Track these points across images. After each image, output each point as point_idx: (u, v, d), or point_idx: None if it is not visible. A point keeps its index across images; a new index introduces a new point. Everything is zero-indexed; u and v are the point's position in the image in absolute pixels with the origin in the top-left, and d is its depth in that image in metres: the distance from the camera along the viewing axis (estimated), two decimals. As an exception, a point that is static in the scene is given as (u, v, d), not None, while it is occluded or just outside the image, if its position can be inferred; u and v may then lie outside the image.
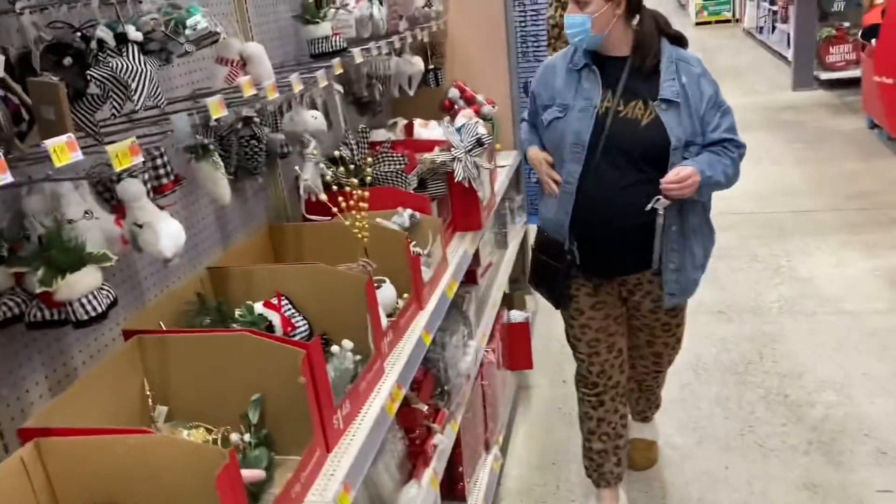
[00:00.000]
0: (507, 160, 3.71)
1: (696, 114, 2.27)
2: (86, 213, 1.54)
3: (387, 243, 2.15)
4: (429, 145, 3.00)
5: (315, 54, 2.49)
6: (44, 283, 1.37)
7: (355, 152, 2.55)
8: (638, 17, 2.27)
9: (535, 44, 4.03)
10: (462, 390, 2.54)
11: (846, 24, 8.78)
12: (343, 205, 2.05)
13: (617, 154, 2.28)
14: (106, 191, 1.70)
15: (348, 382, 1.73)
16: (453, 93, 3.76)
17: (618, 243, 2.37)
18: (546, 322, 4.16)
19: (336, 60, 2.36)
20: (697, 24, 16.18)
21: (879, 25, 6.32)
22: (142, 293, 1.88)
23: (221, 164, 1.88)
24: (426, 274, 2.30)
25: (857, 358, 3.65)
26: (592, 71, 2.32)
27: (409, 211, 2.41)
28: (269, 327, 1.80)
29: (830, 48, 8.86)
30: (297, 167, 2.38)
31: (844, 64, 8.86)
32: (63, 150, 1.34)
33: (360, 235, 1.99)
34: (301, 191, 2.27)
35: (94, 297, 1.45)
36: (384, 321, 1.93)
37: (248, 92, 1.77)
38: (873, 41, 6.46)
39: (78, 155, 1.38)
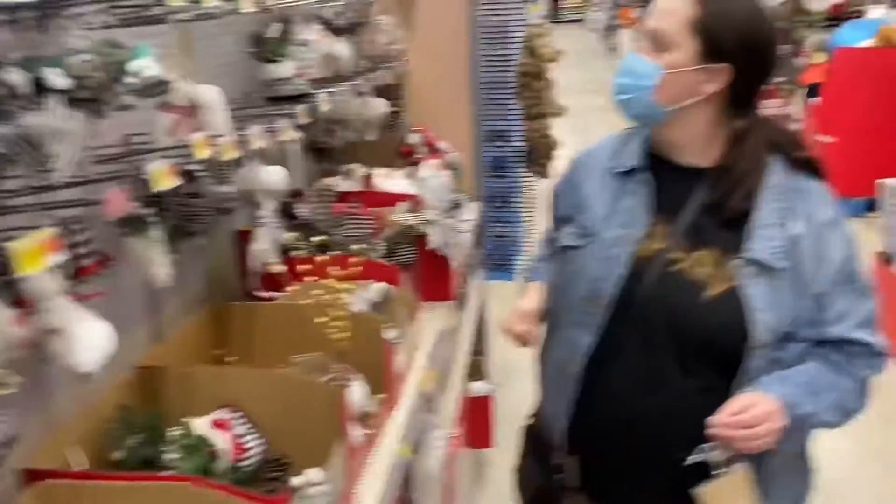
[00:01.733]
0: (470, 214, 3.41)
1: (808, 289, 1.33)
2: (-25, 314, 1.14)
3: (355, 328, 1.80)
4: (391, 200, 2.66)
5: (272, 98, 2.13)
6: None
7: (315, 212, 2.20)
8: (744, 116, 1.35)
9: (503, 91, 3.78)
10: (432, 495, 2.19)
11: (779, 80, 8.95)
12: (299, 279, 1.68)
13: (656, 334, 1.33)
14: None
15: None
16: (414, 138, 3.44)
17: (643, 480, 1.41)
18: (507, 392, 3.85)
19: (301, 107, 2.00)
20: (628, 67, 16.50)
21: (821, 84, 6.39)
22: (52, 405, 1.46)
23: (160, 238, 1.50)
24: (397, 362, 1.95)
25: (822, 440, 3.50)
26: (644, 181, 1.39)
27: (377, 284, 2.06)
28: (214, 454, 1.41)
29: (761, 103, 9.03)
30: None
31: (776, 119, 9.03)
32: (39, 252, 0.98)
33: (336, 336, 1.62)
34: (252, 262, 1.89)
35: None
36: (357, 436, 1.58)
37: (202, 153, 1.40)
38: (815, 99, 6.53)
39: (58, 257, 1.02)
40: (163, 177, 1.25)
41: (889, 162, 5.09)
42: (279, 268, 1.81)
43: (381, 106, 3.01)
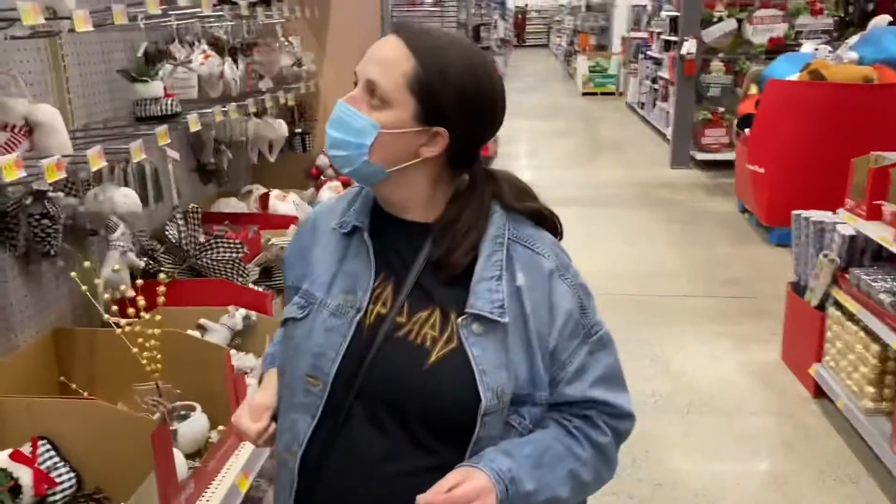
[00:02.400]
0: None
1: (539, 345, 1.20)
2: None
3: (202, 358, 1.75)
4: (282, 223, 2.63)
5: (140, 117, 2.09)
6: None
7: (183, 234, 2.15)
8: (468, 175, 1.23)
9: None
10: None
11: (721, 109, 9.14)
12: (134, 309, 1.64)
13: (383, 409, 1.17)
14: None
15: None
16: (322, 160, 3.41)
17: None
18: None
19: (162, 128, 1.96)
20: (584, 94, 16.71)
21: (753, 115, 6.52)
22: None
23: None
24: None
25: (731, 465, 3.51)
26: (364, 242, 1.22)
27: (241, 310, 2.02)
28: (16, 487, 1.36)
29: (706, 130, 9.19)
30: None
31: (718, 147, 9.19)
32: None
33: (145, 360, 1.57)
34: (100, 287, 1.83)
35: None
36: (182, 471, 1.52)
37: (11, 175, 1.35)
38: (747, 130, 6.66)
39: None
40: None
41: (813, 193, 5.20)
42: (130, 293, 1.76)
43: (281, 127, 2.98)
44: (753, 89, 7.34)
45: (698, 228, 7.16)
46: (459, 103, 1.12)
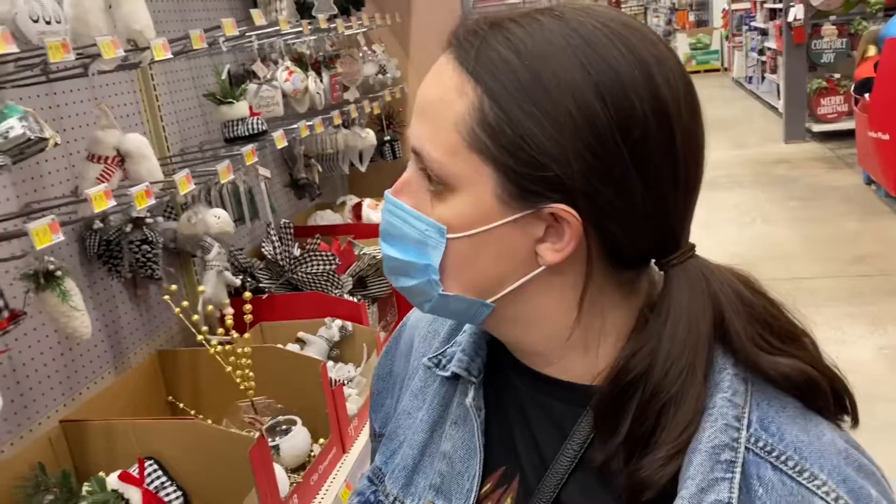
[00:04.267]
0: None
1: None
2: None
3: (299, 371, 1.76)
4: (375, 232, 2.63)
5: (229, 138, 2.13)
6: None
7: (278, 250, 2.18)
8: (644, 274, 0.64)
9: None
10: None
11: (837, 76, 8.55)
12: (230, 326, 1.66)
13: None
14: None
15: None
16: (412, 165, 3.41)
17: None
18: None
19: (249, 147, 1.99)
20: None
21: (872, 79, 6.04)
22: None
23: (75, 292, 1.49)
24: (356, 403, 1.90)
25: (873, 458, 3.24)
26: (468, 407, 0.68)
27: (338, 322, 2.03)
28: (126, 507, 1.40)
29: (822, 100, 8.61)
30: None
31: (837, 116, 8.60)
32: None
33: (238, 378, 1.58)
34: (199, 306, 1.88)
35: None
36: (284, 486, 1.53)
37: (101, 206, 1.39)
38: (867, 95, 6.18)
39: None
40: (44, 234, 1.25)
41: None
42: (229, 311, 1.79)
43: (370, 136, 2.99)
44: (871, 51, 6.80)
45: (820, 205, 6.71)
46: (576, 133, 0.55)
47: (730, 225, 6.36)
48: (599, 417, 0.59)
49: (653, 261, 0.62)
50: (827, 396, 0.60)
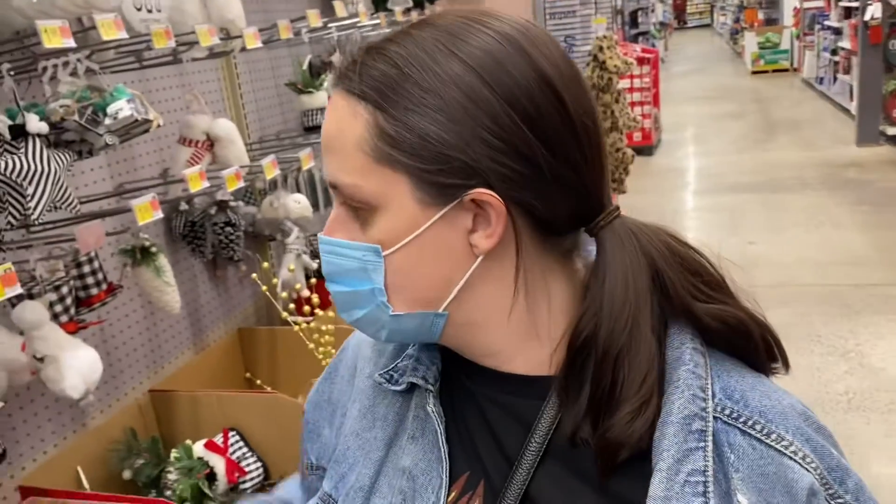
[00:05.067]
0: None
1: None
2: (-26, 342, 1.24)
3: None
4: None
5: (308, 127, 2.20)
6: None
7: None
8: (592, 253, 0.64)
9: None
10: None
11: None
12: (309, 307, 1.72)
13: None
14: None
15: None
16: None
17: None
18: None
19: (327, 136, 2.05)
20: (754, 72, 15.70)
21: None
22: (67, 421, 1.57)
23: (167, 268, 1.57)
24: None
25: None
26: (430, 414, 0.66)
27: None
28: (211, 475, 1.46)
29: (898, 102, 8.33)
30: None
31: (913, 119, 8.31)
32: None
33: (320, 355, 1.64)
34: (279, 287, 1.95)
35: (-38, 459, 1.14)
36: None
37: (196, 186, 1.46)
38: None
39: (15, 290, 1.10)
40: (146, 211, 1.32)
41: None
42: (305, 293, 1.85)
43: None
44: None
45: (893, 210, 6.49)
46: (468, 118, 0.57)
47: (797, 228, 6.20)
48: (562, 391, 0.60)
49: (583, 230, 0.63)
50: (758, 343, 0.62)
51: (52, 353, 1.27)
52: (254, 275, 1.66)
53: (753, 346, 0.62)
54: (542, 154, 0.57)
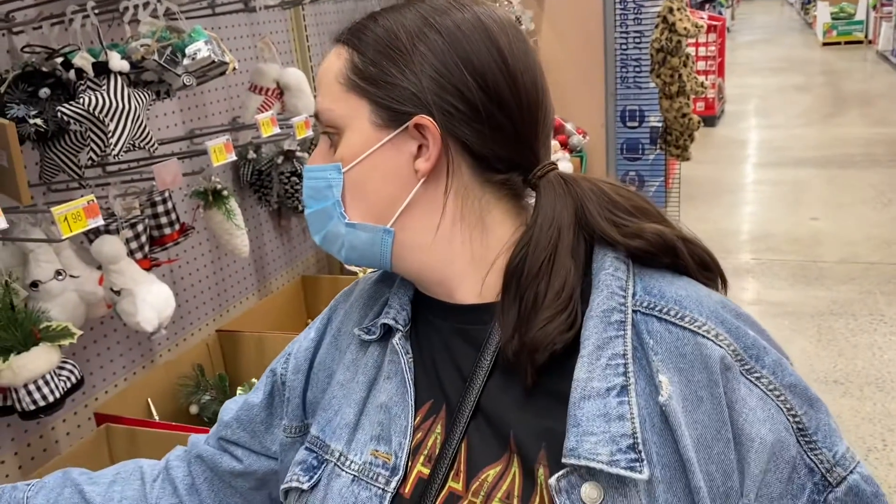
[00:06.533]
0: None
1: (719, 482, 0.62)
2: (57, 273, 1.29)
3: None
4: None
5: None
6: (-21, 366, 1.13)
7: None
8: (514, 183, 0.73)
9: (637, 69, 3.63)
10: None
11: None
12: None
13: None
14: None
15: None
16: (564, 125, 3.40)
17: None
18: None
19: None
20: (825, 44, 15.11)
21: None
22: (139, 355, 1.63)
23: (238, 212, 1.60)
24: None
25: None
26: (397, 352, 0.75)
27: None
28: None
29: (980, 77, 7.93)
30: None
31: None
32: (80, 216, 1.10)
33: None
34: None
35: (47, 383, 1.19)
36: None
37: (268, 131, 1.48)
38: None
39: (97, 221, 1.14)
40: (220, 153, 1.34)
41: None
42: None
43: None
44: None
45: (967, 190, 6.23)
46: (425, 63, 0.68)
47: (864, 205, 6.01)
48: (499, 312, 0.68)
49: (522, 181, 0.72)
50: (686, 257, 0.69)
51: (128, 287, 1.31)
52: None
53: (683, 261, 0.69)
54: (479, 98, 0.68)
